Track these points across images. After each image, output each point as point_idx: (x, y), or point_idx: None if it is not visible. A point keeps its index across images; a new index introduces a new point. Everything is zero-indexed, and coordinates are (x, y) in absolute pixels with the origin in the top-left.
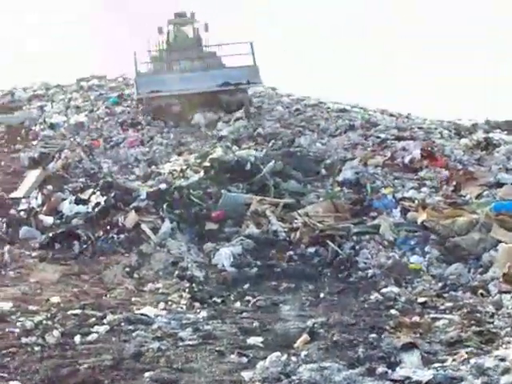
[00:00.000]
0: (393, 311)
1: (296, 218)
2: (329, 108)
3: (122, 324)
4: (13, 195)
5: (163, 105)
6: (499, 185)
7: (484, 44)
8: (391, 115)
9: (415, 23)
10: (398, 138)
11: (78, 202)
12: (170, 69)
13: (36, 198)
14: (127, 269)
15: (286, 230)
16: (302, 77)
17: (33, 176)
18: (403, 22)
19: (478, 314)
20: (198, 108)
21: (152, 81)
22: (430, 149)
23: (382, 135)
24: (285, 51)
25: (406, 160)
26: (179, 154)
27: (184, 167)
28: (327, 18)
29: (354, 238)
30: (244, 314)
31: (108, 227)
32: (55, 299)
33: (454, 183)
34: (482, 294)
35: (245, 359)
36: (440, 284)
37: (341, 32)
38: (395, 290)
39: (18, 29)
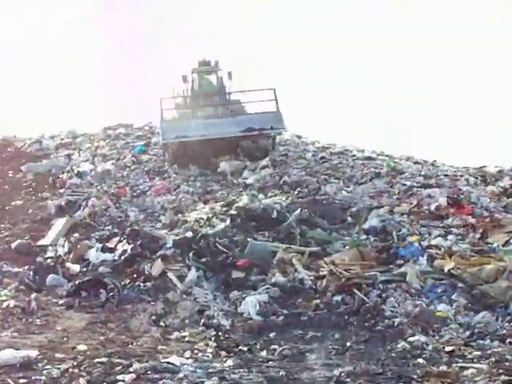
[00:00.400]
0: (420, 360)
1: (322, 266)
2: (354, 156)
3: (149, 372)
4: (40, 243)
5: (188, 150)
6: None
7: (508, 89)
8: (417, 163)
9: (440, 69)
10: (424, 186)
11: (105, 250)
12: (195, 115)
13: (63, 246)
14: (153, 317)
15: (312, 278)
16: (326, 124)
17: (60, 224)
18: (428, 67)
19: (507, 363)
20: (222, 153)
21: (177, 127)
22: (456, 196)
23: (408, 183)
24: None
25: (432, 207)
26: (205, 202)
27: (210, 215)
28: (350, 64)
29: (381, 286)
30: (270, 363)
31: (134, 275)
32: (82, 347)
33: (481, 230)
34: (510, 343)
35: None
36: (468, 332)
37: (364, 80)
38: (422, 338)
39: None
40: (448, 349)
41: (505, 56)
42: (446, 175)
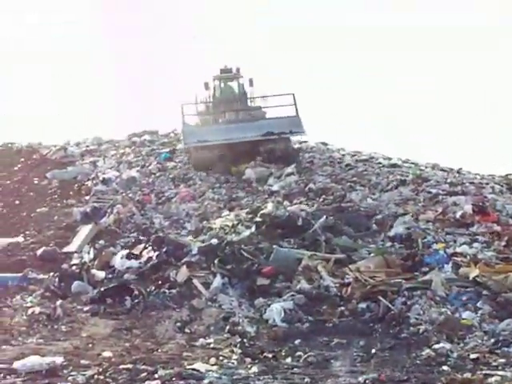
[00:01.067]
0: (445, 367)
1: (347, 274)
2: (380, 163)
3: (174, 379)
4: (65, 250)
5: (209, 154)
6: None
7: None
8: (442, 170)
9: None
10: (450, 193)
11: (130, 256)
12: (216, 121)
13: (88, 253)
14: (178, 324)
15: (337, 285)
16: (352, 131)
17: (85, 231)
18: (454, 76)
19: None
20: (243, 158)
21: (198, 131)
22: (481, 204)
23: (434, 190)
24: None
25: (458, 215)
26: (230, 209)
27: (235, 222)
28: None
29: (406, 293)
30: (295, 370)
31: (160, 282)
32: (107, 354)
33: (506, 238)
34: None
35: None
36: (492, 340)
37: (390, 86)
38: (447, 346)
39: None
40: (473, 356)
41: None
42: (471, 183)
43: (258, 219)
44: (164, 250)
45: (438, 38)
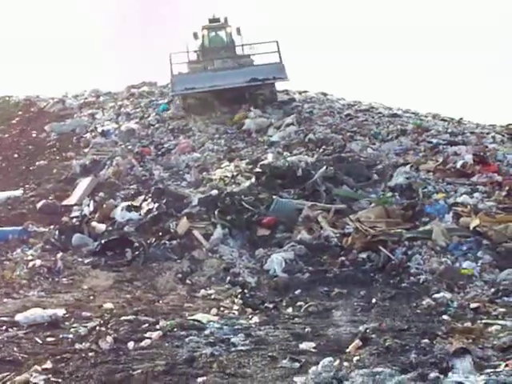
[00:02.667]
0: (445, 317)
1: (348, 224)
2: (380, 113)
3: (175, 330)
4: (65, 202)
5: (197, 101)
6: None
7: None
8: (443, 120)
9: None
10: (450, 143)
11: (130, 208)
12: (205, 69)
13: (88, 206)
14: (179, 275)
15: (337, 235)
16: (352, 81)
17: (85, 183)
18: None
19: None
20: (230, 103)
21: (186, 79)
22: (482, 154)
23: (434, 140)
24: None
25: (458, 165)
26: (230, 160)
27: (235, 173)
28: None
29: (406, 243)
30: (296, 320)
31: (160, 234)
32: (108, 305)
33: (507, 188)
34: None
35: (297, 364)
36: (492, 290)
37: (394, 34)
38: (447, 295)
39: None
40: (473, 306)
41: None
42: (472, 133)
43: (257, 170)
44: (164, 201)
45: None
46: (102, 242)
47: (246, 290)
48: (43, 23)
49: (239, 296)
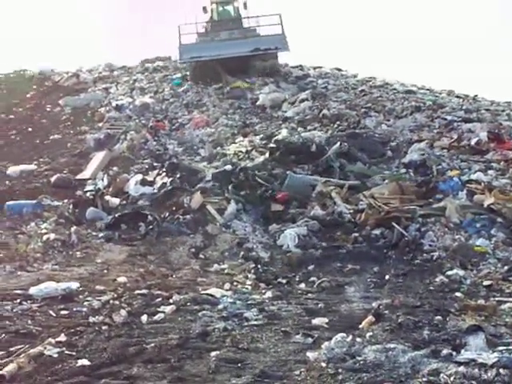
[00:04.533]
0: (458, 294)
1: (361, 200)
2: (395, 89)
3: (188, 304)
4: (79, 177)
5: (203, 69)
6: None
7: None
8: (458, 97)
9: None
10: (465, 120)
11: (144, 183)
12: (212, 40)
13: (102, 180)
14: (193, 249)
15: (351, 211)
16: (367, 57)
17: (99, 157)
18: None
19: None
20: (235, 72)
21: (193, 48)
22: (496, 131)
23: (449, 117)
24: None
25: (473, 142)
26: (244, 136)
27: (249, 148)
28: None
29: (420, 220)
30: (309, 295)
31: (174, 208)
32: (122, 279)
33: None
34: None
35: (310, 339)
36: (506, 267)
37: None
38: (460, 272)
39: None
40: (486, 283)
41: None
42: (487, 110)
43: (271, 145)
44: (178, 176)
45: None
46: (116, 216)
47: (259, 265)
48: None
49: (252, 271)
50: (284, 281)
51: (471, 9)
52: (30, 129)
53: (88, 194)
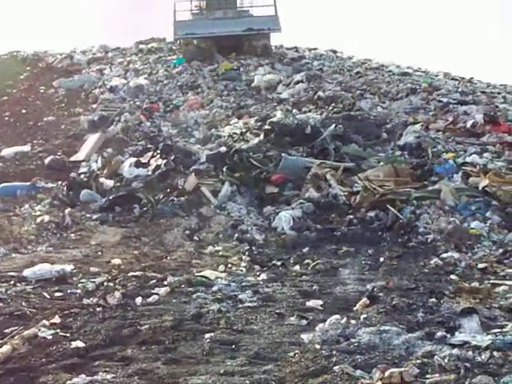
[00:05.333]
0: (452, 276)
1: (356, 182)
2: (390, 71)
3: (183, 286)
4: (73, 158)
5: (196, 46)
6: None
7: None
8: (453, 79)
9: None
10: (461, 103)
11: (138, 165)
12: (206, 18)
13: (96, 162)
14: (187, 231)
15: (346, 193)
16: (362, 39)
17: (93, 139)
18: None
19: None
20: (228, 51)
21: (187, 26)
22: (492, 113)
23: (444, 99)
24: None
25: (468, 125)
26: (239, 117)
27: (244, 130)
28: None
29: (415, 202)
30: (303, 277)
31: (168, 190)
32: (116, 261)
33: None
34: None
35: (304, 321)
36: (501, 250)
37: None
38: (455, 255)
39: None
40: (480, 266)
41: None
42: (483, 92)
43: (266, 127)
44: (172, 157)
45: None
46: (110, 197)
47: (253, 247)
48: None
49: (247, 253)
50: (278, 263)
51: None
52: (23, 110)
53: (82, 175)
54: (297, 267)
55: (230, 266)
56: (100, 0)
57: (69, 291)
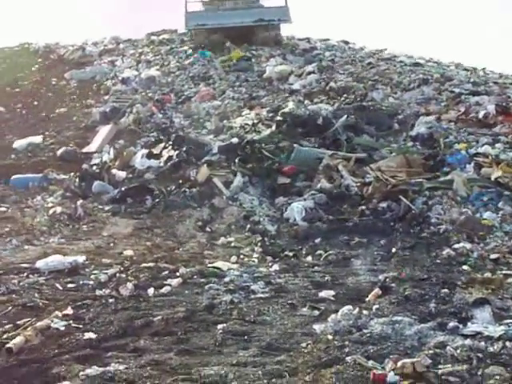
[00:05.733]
0: (465, 267)
1: (368, 173)
2: (402, 62)
3: (195, 277)
4: (85, 150)
5: (208, 37)
6: None
7: None
8: (465, 69)
9: None
10: (473, 93)
11: (150, 156)
12: (218, 9)
13: (108, 153)
14: (199, 223)
15: (358, 184)
16: (374, 30)
17: (105, 131)
18: None
19: None
20: (238, 41)
21: (198, 16)
22: (504, 104)
23: (457, 90)
24: None
25: (481, 115)
26: (251, 108)
27: (256, 121)
28: None
29: (427, 193)
30: (316, 268)
31: (180, 181)
32: (128, 252)
33: None
34: None
35: (316, 312)
36: None
37: None
38: (467, 245)
39: None
40: (493, 256)
41: None
42: (495, 82)
43: (278, 118)
44: (184, 149)
45: None
46: (122, 189)
47: (265, 238)
48: None
49: (259, 244)
50: (291, 254)
51: None
52: (35, 102)
53: (94, 167)
54: (309, 258)
55: (242, 256)
56: None
57: (81, 282)
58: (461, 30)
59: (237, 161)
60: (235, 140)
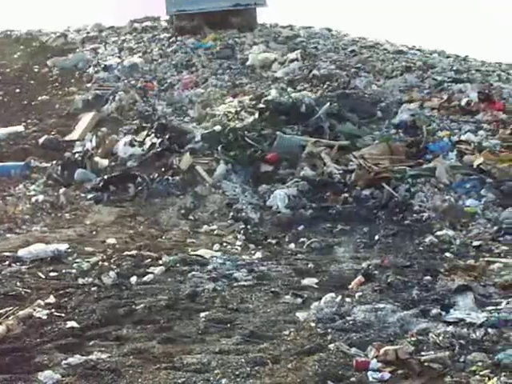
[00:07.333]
0: (447, 254)
1: (351, 160)
2: (385, 49)
3: (178, 265)
4: (67, 138)
5: (187, 22)
6: None
7: None
8: (448, 57)
9: None
10: (455, 81)
11: (133, 144)
12: None
13: (91, 141)
14: (182, 210)
15: (341, 172)
16: (356, 17)
17: (87, 118)
18: None
19: None
20: (216, 26)
21: (178, 2)
22: (487, 91)
23: (439, 77)
24: None
25: (463, 103)
26: (234, 96)
27: (239, 109)
28: None
29: (410, 180)
30: (299, 256)
31: (163, 169)
32: (111, 241)
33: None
34: None
35: (299, 300)
36: (495, 228)
37: None
38: (450, 233)
39: None
40: (475, 243)
41: None
42: (477, 70)
43: (261, 105)
44: (167, 136)
45: None
46: (105, 177)
47: (248, 226)
48: None
49: (242, 232)
50: (274, 241)
51: None
52: (17, 90)
53: (76, 155)
54: (292, 245)
55: (225, 244)
56: None
57: (64, 271)
58: (443, 18)
59: (220, 148)
60: (218, 128)
